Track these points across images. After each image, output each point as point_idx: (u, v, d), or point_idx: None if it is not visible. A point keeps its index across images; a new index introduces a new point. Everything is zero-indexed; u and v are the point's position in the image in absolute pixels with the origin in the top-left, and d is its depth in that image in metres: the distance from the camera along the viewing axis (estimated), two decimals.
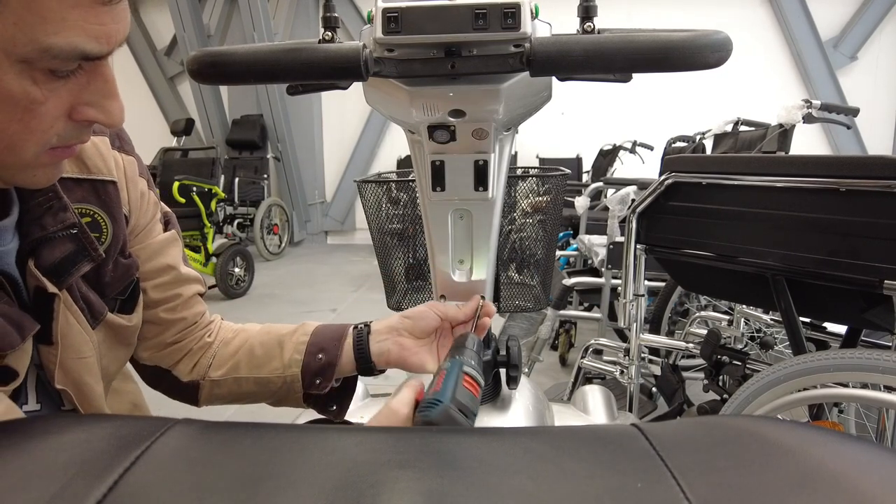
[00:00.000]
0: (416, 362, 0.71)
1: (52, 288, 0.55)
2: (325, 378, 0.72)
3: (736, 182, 1.25)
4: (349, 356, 0.72)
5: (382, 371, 0.74)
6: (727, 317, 2.06)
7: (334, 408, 0.77)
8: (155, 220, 0.71)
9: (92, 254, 0.58)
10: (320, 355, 0.72)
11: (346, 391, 0.77)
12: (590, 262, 2.72)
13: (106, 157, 0.63)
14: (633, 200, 1.90)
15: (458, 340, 0.66)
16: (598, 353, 2.18)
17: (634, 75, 0.52)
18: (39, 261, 0.55)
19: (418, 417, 0.54)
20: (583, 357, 2.06)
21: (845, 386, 1.09)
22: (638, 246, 1.51)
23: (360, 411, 0.92)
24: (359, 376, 0.77)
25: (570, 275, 2.58)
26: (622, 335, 2.61)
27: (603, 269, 2.45)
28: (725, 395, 1.50)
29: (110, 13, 0.43)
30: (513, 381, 0.73)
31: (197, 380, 0.75)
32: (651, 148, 4.55)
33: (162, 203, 0.73)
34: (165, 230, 0.72)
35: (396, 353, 0.71)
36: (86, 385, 0.60)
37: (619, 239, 2.30)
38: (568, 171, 1.02)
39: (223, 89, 6.37)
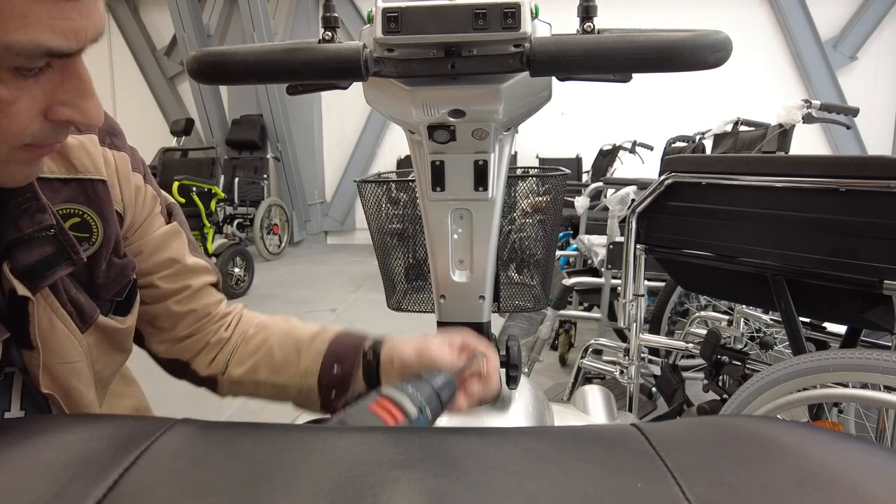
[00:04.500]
0: (436, 352, 0.65)
1: (22, 291, 0.53)
2: (340, 391, 0.70)
3: (736, 182, 1.25)
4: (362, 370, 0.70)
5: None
6: (727, 317, 2.06)
7: None
8: (154, 213, 0.69)
9: (73, 257, 0.55)
10: (336, 366, 0.70)
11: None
12: (590, 262, 2.72)
13: (94, 155, 0.60)
14: (633, 200, 1.90)
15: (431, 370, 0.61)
16: (597, 353, 2.18)
17: (634, 75, 0.52)
18: (13, 263, 0.52)
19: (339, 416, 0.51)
20: (583, 357, 2.06)
21: (845, 386, 1.09)
22: (638, 246, 1.51)
23: None
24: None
25: (570, 275, 2.58)
26: (622, 335, 2.61)
27: (603, 269, 2.45)
28: (725, 395, 1.50)
29: (77, 8, 0.41)
30: (513, 381, 0.73)
31: (215, 374, 0.74)
32: (651, 148, 4.55)
33: (165, 194, 0.71)
34: (169, 222, 0.70)
35: (417, 346, 0.67)
36: (74, 390, 0.59)
37: (619, 239, 2.30)
38: (568, 171, 1.02)
39: (223, 89, 6.37)
